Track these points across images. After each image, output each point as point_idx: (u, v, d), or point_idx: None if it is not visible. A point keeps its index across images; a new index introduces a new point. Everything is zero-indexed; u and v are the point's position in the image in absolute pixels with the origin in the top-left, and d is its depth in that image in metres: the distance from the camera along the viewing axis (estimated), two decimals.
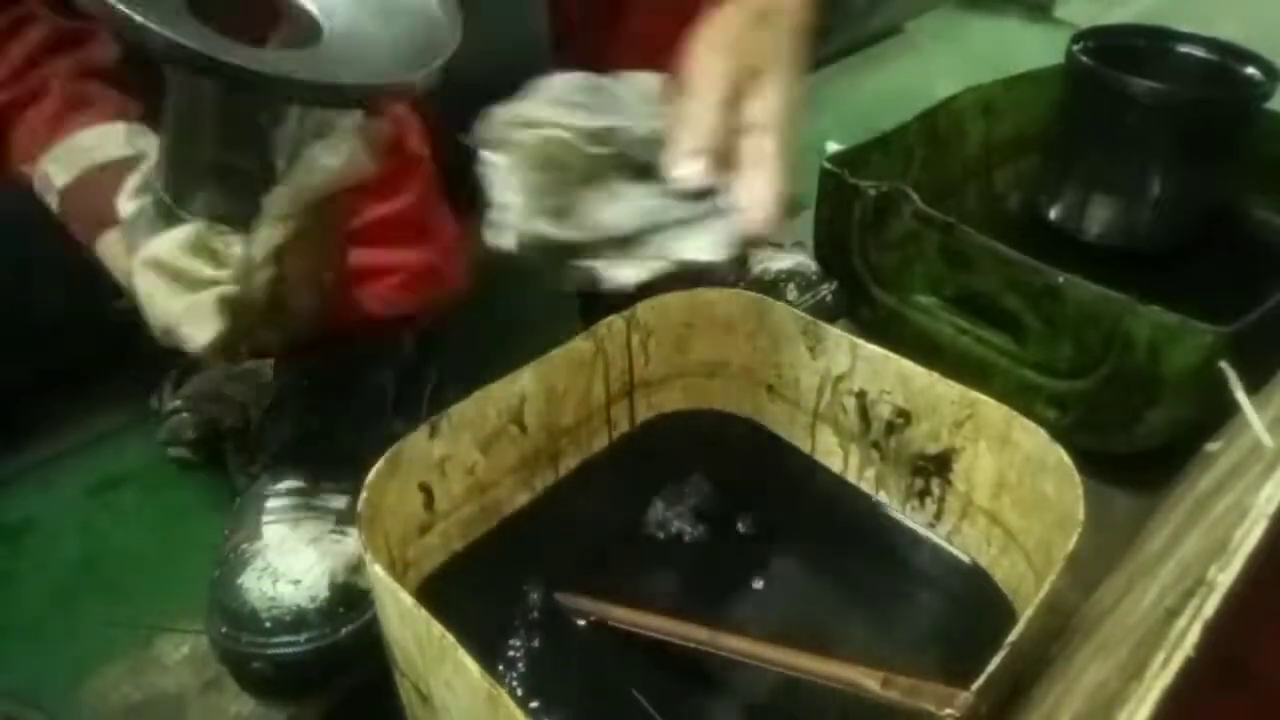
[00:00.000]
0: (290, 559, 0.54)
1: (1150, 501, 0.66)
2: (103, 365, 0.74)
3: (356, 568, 0.54)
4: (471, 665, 0.38)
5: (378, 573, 0.43)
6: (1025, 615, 0.42)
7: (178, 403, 0.72)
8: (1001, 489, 0.54)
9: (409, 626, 0.42)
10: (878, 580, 0.57)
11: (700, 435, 0.66)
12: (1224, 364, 0.59)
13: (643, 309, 0.61)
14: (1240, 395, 0.57)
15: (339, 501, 0.58)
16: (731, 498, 0.62)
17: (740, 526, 0.60)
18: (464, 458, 0.54)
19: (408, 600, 0.41)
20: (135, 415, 0.71)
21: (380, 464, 0.48)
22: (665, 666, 0.50)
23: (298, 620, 0.52)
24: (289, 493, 0.58)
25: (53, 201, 0.51)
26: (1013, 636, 0.41)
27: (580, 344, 0.59)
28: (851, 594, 0.56)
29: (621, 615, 0.51)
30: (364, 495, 0.47)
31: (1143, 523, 0.64)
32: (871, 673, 0.43)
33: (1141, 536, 0.61)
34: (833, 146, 0.82)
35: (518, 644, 0.51)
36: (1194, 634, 0.36)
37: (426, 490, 0.53)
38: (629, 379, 0.63)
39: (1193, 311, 0.60)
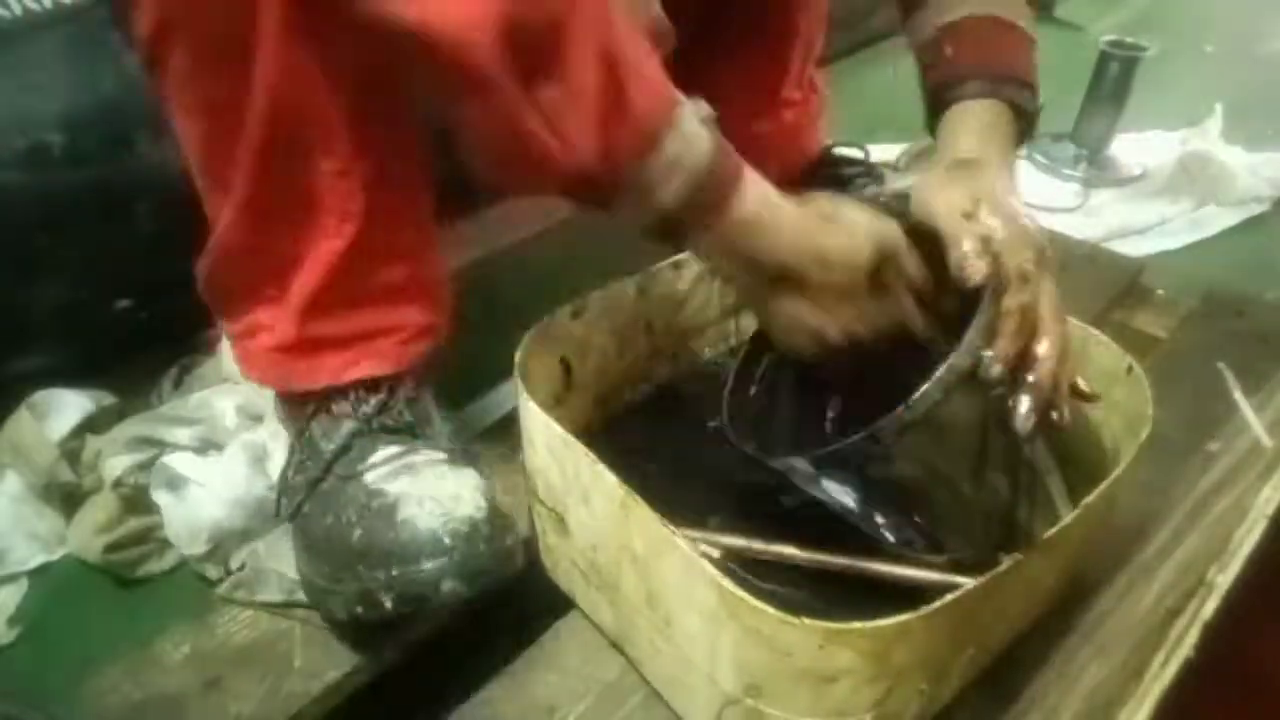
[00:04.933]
0: (438, 484, 0.54)
1: (1150, 502, 0.66)
2: (103, 363, 0.74)
3: (494, 493, 0.55)
4: (608, 475, 0.45)
5: (532, 408, 0.49)
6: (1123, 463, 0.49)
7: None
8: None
9: (554, 454, 0.50)
10: None
11: None
12: (1222, 365, 0.59)
13: None
14: (1239, 396, 0.57)
15: (441, 454, 0.57)
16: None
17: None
18: (600, 342, 0.60)
19: (558, 430, 0.48)
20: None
21: (531, 332, 0.56)
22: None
23: (473, 532, 0.52)
24: (387, 460, 0.56)
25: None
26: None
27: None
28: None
29: (759, 549, 0.55)
30: (519, 355, 0.54)
31: (1143, 523, 0.64)
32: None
33: (1142, 536, 0.61)
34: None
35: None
36: (1194, 634, 0.36)
37: (566, 364, 0.59)
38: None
39: None
